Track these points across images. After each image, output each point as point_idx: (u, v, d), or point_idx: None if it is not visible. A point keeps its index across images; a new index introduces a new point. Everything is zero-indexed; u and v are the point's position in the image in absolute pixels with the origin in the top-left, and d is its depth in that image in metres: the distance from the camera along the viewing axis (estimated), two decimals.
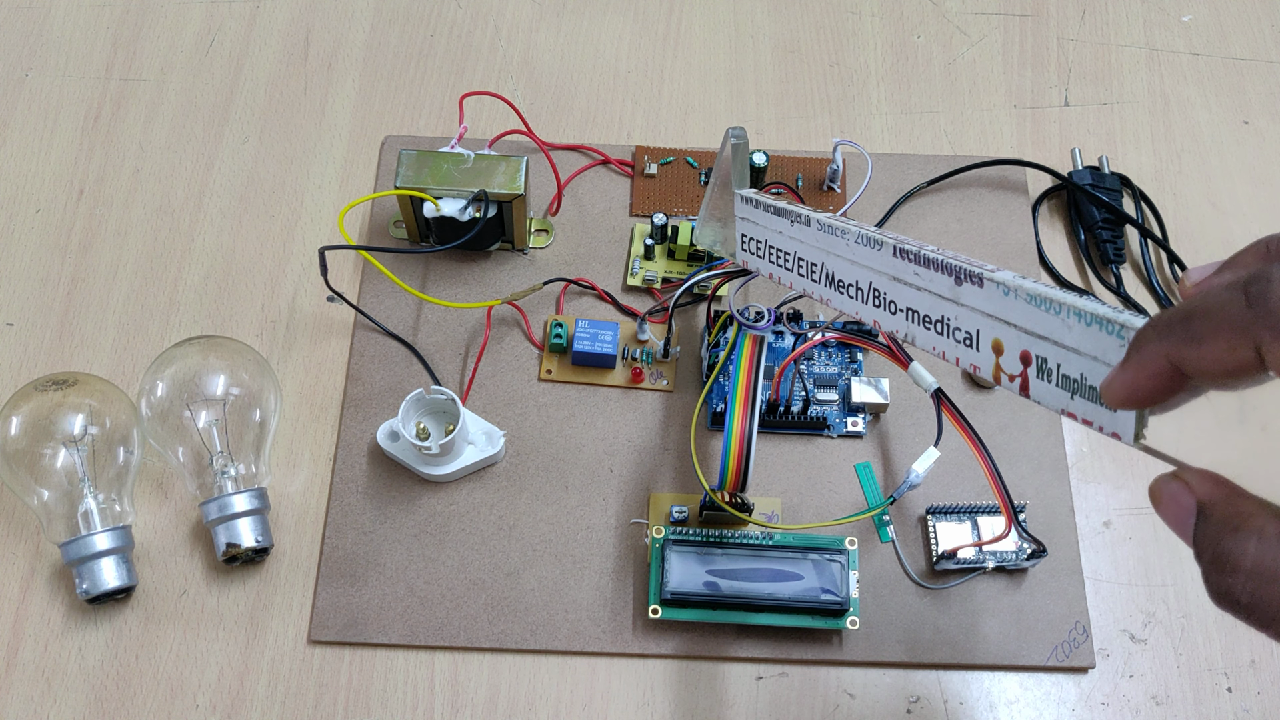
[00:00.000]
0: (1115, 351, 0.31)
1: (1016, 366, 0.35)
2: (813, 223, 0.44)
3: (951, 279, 0.37)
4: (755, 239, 0.48)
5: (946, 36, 0.74)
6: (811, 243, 0.44)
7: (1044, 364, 0.34)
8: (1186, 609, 0.56)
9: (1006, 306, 0.35)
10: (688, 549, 0.53)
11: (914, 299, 0.39)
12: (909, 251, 0.39)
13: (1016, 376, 0.35)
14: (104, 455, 0.54)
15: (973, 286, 0.36)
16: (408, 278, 0.63)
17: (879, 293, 0.41)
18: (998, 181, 0.67)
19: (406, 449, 0.57)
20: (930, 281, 0.38)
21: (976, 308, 0.36)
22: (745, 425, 0.50)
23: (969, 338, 0.37)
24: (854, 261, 0.42)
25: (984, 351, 0.36)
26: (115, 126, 0.69)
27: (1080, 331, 0.32)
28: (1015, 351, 0.35)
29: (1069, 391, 0.33)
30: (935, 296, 0.38)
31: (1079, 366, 0.32)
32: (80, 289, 0.63)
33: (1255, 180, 0.68)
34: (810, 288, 0.45)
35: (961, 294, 0.37)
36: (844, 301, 0.43)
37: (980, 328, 0.36)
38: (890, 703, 0.54)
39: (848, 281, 0.42)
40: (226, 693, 0.53)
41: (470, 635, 0.54)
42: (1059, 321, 0.33)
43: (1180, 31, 0.74)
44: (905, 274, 0.39)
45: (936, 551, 0.55)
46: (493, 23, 0.74)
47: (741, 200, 0.49)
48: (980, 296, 0.36)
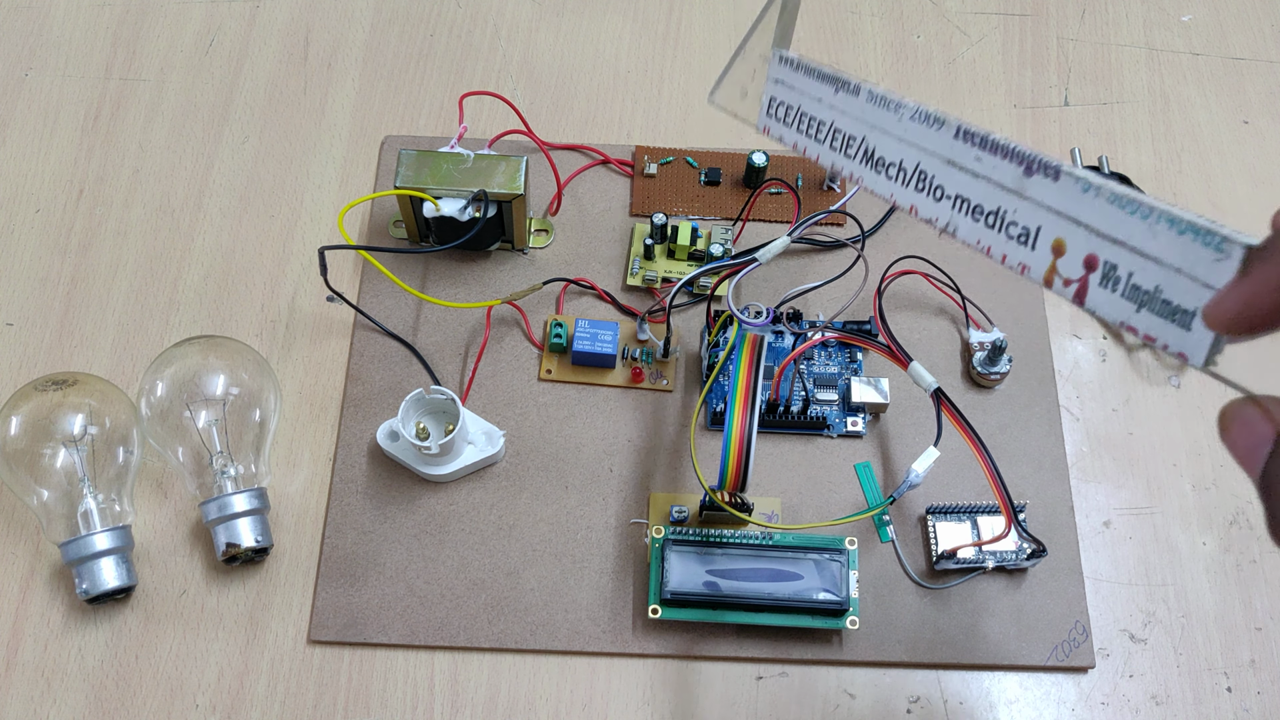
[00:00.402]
0: (1208, 265, 0.28)
1: (1077, 270, 0.33)
2: (862, 93, 0.41)
3: (1020, 168, 0.34)
4: (786, 104, 0.45)
5: (946, 36, 0.74)
6: (855, 114, 0.41)
7: (1112, 270, 0.32)
8: (1186, 609, 0.56)
9: (1082, 204, 0.32)
10: (687, 549, 0.53)
11: (967, 186, 0.37)
12: (973, 134, 0.36)
13: (1074, 281, 0.33)
14: (104, 455, 0.54)
15: (1045, 179, 0.34)
16: (407, 278, 0.63)
17: (925, 175, 0.38)
18: None
19: (406, 449, 0.57)
20: (993, 169, 0.35)
21: (1043, 202, 0.34)
22: (745, 425, 0.50)
23: (1025, 234, 0.35)
24: (903, 139, 0.39)
25: (1040, 251, 0.34)
26: (115, 126, 0.69)
27: (1168, 239, 0.30)
28: (1079, 254, 0.33)
29: (1135, 303, 0.31)
30: (995, 186, 0.35)
31: (1156, 278, 0.30)
32: (80, 289, 0.63)
33: (1255, 180, 0.68)
34: (841, 163, 0.42)
35: (1029, 186, 0.34)
36: (878, 181, 0.40)
37: (1043, 224, 0.34)
38: (890, 702, 0.54)
39: (890, 160, 0.40)
40: (226, 692, 0.53)
41: (470, 635, 0.54)
42: (1144, 226, 0.30)
43: (1180, 31, 0.74)
44: (964, 158, 0.36)
45: (936, 551, 0.55)
46: (492, 22, 0.74)
47: (780, 60, 0.45)
48: (1051, 190, 0.33)
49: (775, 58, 0.46)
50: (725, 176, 0.66)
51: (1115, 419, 0.61)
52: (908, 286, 0.63)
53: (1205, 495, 0.59)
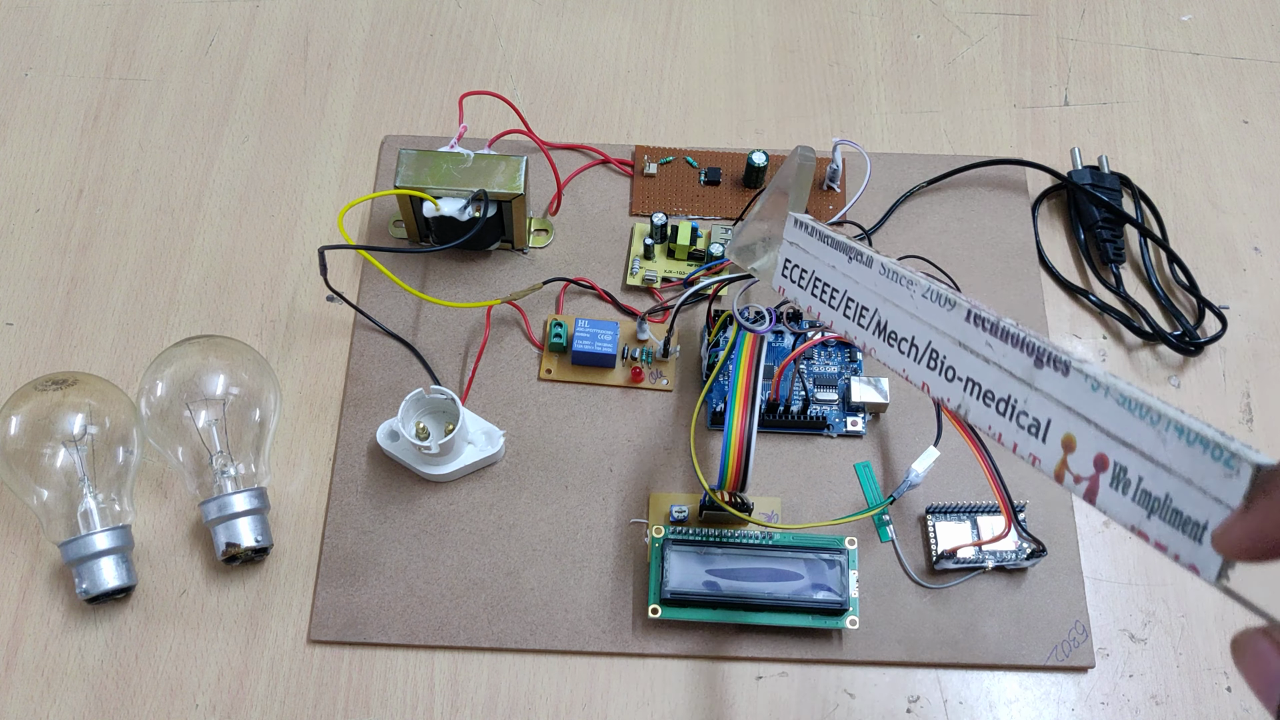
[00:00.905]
0: (1218, 480, 0.27)
1: (1088, 469, 0.31)
2: (875, 265, 0.40)
3: (1031, 359, 0.33)
4: (800, 267, 0.44)
5: (946, 36, 0.74)
6: (868, 285, 0.40)
7: (1122, 473, 0.30)
8: (1186, 608, 0.56)
9: (1091, 403, 0.31)
10: (687, 549, 0.53)
11: (979, 370, 0.35)
12: (985, 319, 0.35)
13: (1084, 479, 0.32)
14: (103, 455, 0.54)
15: (1054, 373, 0.33)
16: (407, 277, 0.63)
17: (937, 355, 0.37)
18: (997, 181, 0.67)
19: (406, 449, 0.57)
20: (1003, 356, 0.34)
21: (1053, 395, 0.33)
22: (745, 425, 0.50)
23: (1036, 426, 0.33)
24: (915, 315, 0.38)
25: (1051, 445, 0.33)
26: (115, 126, 0.69)
27: (1178, 448, 0.29)
28: (1090, 453, 0.31)
29: (1146, 509, 0.30)
30: (1005, 373, 0.34)
31: (1166, 486, 0.29)
32: (80, 288, 0.63)
33: (1255, 179, 0.68)
34: (854, 332, 0.41)
35: (1039, 377, 0.33)
36: (891, 355, 0.39)
37: (1053, 418, 0.33)
38: (890, 702, 0.54)
39: (902, 335, 0.39)
40: (226, 692, 0.53)
41: (470, 635, 0.54)
42: (1153, 432, 0.29)
43: (1180, 31, 0.74)
44: (975, 342, 0.36)
45: (936, 551, 0.55)
46: (492, 22, 0.74)
47: (795, 224, 0.45)
48: (1061, 385, 0.32)
49: (791, 220, 0.45)
50: (725, 176, 0.66)
51: None
52: None
53: None
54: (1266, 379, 0.62)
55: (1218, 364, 0.62)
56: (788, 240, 0.45)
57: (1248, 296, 0.64)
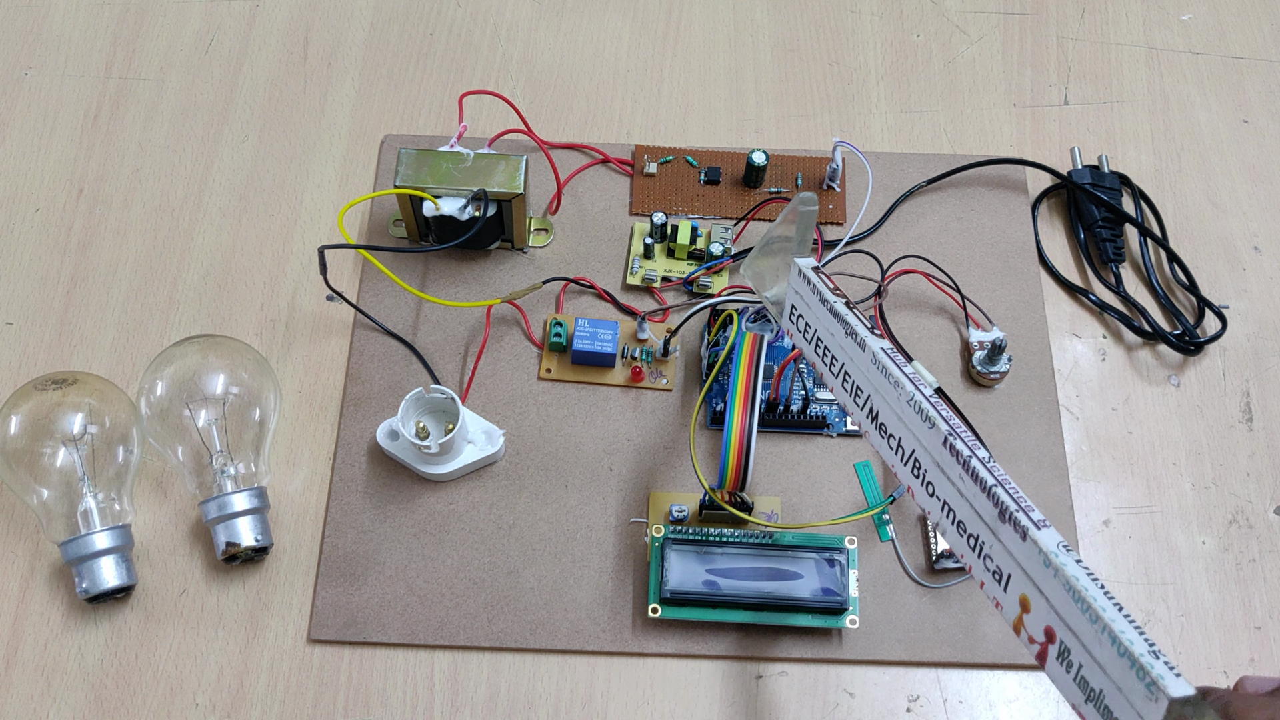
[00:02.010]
0: (1141, 699, 0.27)
1: (1040, 634, 0.31)
2: (868, 351, 0.38)
3: (995, 510, 0.32)
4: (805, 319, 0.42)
5: (946, 35, 0.74)
6: (861, 367, 0.39)
7: (1066, 653, 0.30)
8: (1186, 607, 0.56)
9: (1044, 577, 0.30)
10: (687, 548, 0.53)
11: (953, 497, 0.34)
12: (959, 451, 0.34)
13: (1036, 643, 0.31)
14: (103, 454, 0.54)
15: (1014, 532, 0.31)
16: (407, 277, 0.63)
17: (920, 466, 0.36)
18: (997, 180, 0.67)
19: (406, 448, 0.57)
20: (973, 496, 0.33)
21: (1013, 553, 0.32)
22: (745, 424, 0.50)
23: (999, 574, 0.32)
24: (900, 419, 0.36)
25: (1010, 597, 0.32)
26: (115, 125, 0.69)
27: (1110, 654, 0.28)
28: (1041, 621, 0.31)
29: (1084, 694, 0.29)
30: (974, 513, 0.33)
31: (1101, 682, 0.29)
32: (80, 288, 0.63)
33: (1255, 179, 0.68)
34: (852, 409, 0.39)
35: (1000, 531, 0.32)
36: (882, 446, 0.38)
37: (1012, 574, 0.32)
38: (890, 701, 0.54)
39: (891, 431, 0.37)
40: (226, 691, 0.53)
41: (470, 634, 0.54)
42: (1092, 630, 0.29)
43: (1180, 30, 0.74)
44: (950, 469, 0.34)
45: (936, 550, 0.55)
46: (492, 22, 0.74)
47: (799, 274, 0.43)
48: (1019, 547, 0.31)
49: (794, 270, 0.43)
50: (725, 175, 0.66)
51: (1115, 418, 0.61)
52: (908, 286, 0.63)
53: (1205, 494, 0.59)
54: (1266, 378, 0.62)
55: (1217, 363, 0.62)
56: (792, 288, 0.44)
57: (1248, 296, 0.64)
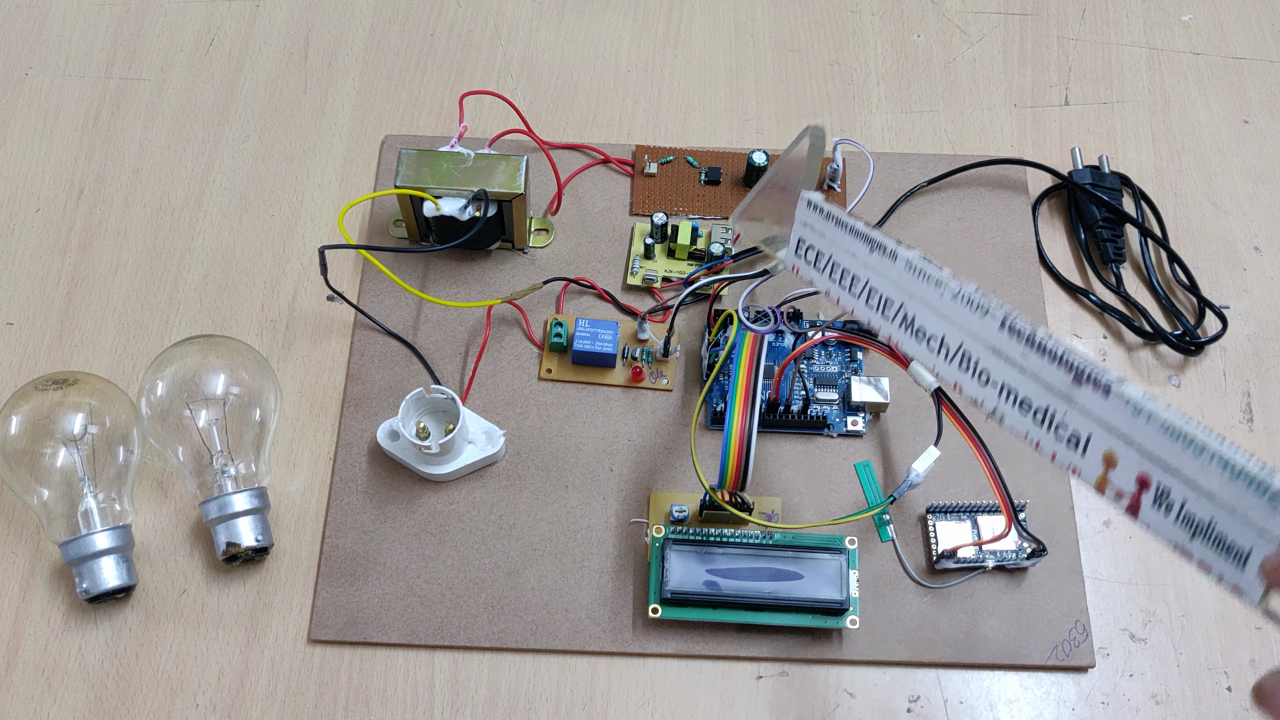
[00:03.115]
0: (1262, 511, 0.28)
1: (1130, 486, 0.31)
2: (899, 260, 0.38)
3: (1069, 376, 0.33)
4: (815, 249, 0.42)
5: (946, 35, 0.74)
6: (892, 279, 0.38)
7: (1165, 495, 0.30)
8: (1186, 608, 0.56)
9: (1133, 425, 0.31)
10: (688, 548, 0.53)
11: (1015, 379, 0.34)
12: (1020, 331, 0.34)
13: (1126, 495, 0.32)
14: (104, 454, 0.54)
15: (1094, 392, 0.32)
16: (408, 277, 0.63)
17: (969, 358, 0.36)
18: (998, 181, 0.67)
19: (406, 448, 0.57)
20: (1041, 369, 0.34)
21: (1093, 413, 0.32)
22: (745, 424, 0.50)
23: (1075, 439, 0.33)
24: (944, 316, 0.36)
25: (1090, 459, 0.32)
26: (115, 125, 0.69)
27: (1221, 480, 0.29)
28: (1131, 471, 0.31)
29: (1189, 532, 0.30)
30: (1043, 386, 0.34)
31: (1210, 511, 0.29)
32: (80, 288, 0.63)
33: (1255, 179, 0.68)
34: (879, 322, 0.39)
35: (1078, 394, 0.33)
36: (920, 350, 0.38)
37: (1093, 434, 0.32)
38: (890, 702, 0.54)
39: (931, 333, 0.37)
40: (226, 692, 0.53)
41: (470, 634, 0.54)
42: (1197, 463, 0.29)
43: (1180, 30, 0.74)
44: (1010, 351, 0.34)
45: (936, 550, 0.55)
46: (493, 22, 0.74)
47: (808, 205, 0.42)
48: (1101, 405, 0.32)
49: (803, 201, 0.42)
50: (725, 176, 0.66)
51: None
52: None
53: None
54: (1267, 379, 0.62)
55: (1218, 364, 0.62)
56: (800, 220, 0.43)
57: (1248, 296, 0.64)
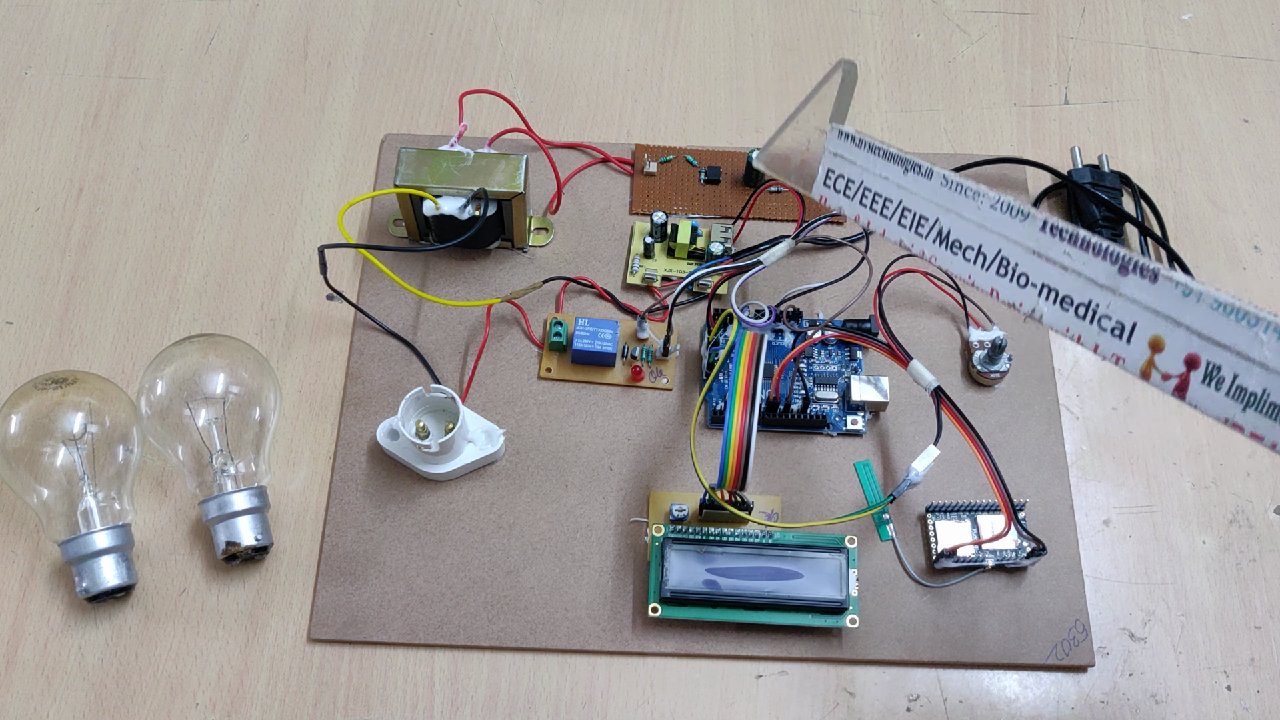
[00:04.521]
0: None
1: (1178, 367, 0.33)
2: (935, 177, 0.40)
3: (1115, 267, 0.35)
4: (846, 177, 0.44)
5: (946, 35, 0.74)
6: (927, 196, 0.41)
7: (1215, 371, 0.32)
8: (1186, 607, 0.56)
9: (1183, 307, 0.33)
10: (687, 547, 0.53)
11: (1055, 277, 0.37)
12: (1062, 229, 0.36)
13: (1174, 377, 0.33)
14: (103, 453, 0.54)
15: (1140, 279, 0.34)
16: (407, 276, 0.63)
17: (1008, 262, 0.38)
18: (998, 180, 0.67)
19: (406, 447, 0.57)
20: (1084, 265, 0.36)
21: (1139, 300, 0.34)
22: (745, 423, 0.50)
23: (1120, 328, 0.35)
24: (983, 226, 0.39)
25: (1136, 345, 0.34)
26: (115, 125, 0.69)
27: (1275, 348, 0.30)
28: (1180, 353, 0.33)
29: (1241, 403, 0.31)
30: (1086, 280, 0.36)
31: (1264, 381, 0.31)
32: (80, 287, 0.63)
33: (1255, 178, 0.68)
34: (911, 240, 0.42)
35: (1124, 284, 0.34)
36: (955, 262, 0.40)
37: (1139, 321, 0.34)
38: (890, 701, 0.54)
39: (968, 244, 0.39)
40: (226, 691, 0.53)
41: (470, 633, 0.54)
42: (1250, 334, 0.31)
43: (1180, 30, 0.74)
44: (1051, 251, 0.37)
45: (936, 550, 0.55)
46: (492, 21, 0.74)
47: (839, 135, 0.44)
48: (1148, 291, 0.34)
49: (834, 132, 0.45)
50: (725, 175, 0.66)
51: (1115, 417, 0.61)
52: (908, 285, 0.63)
53: (1205, 494, 0.59)
54: None
55: None
56: (830, 151, 0.45)
57: (1248, 295, 0.64)
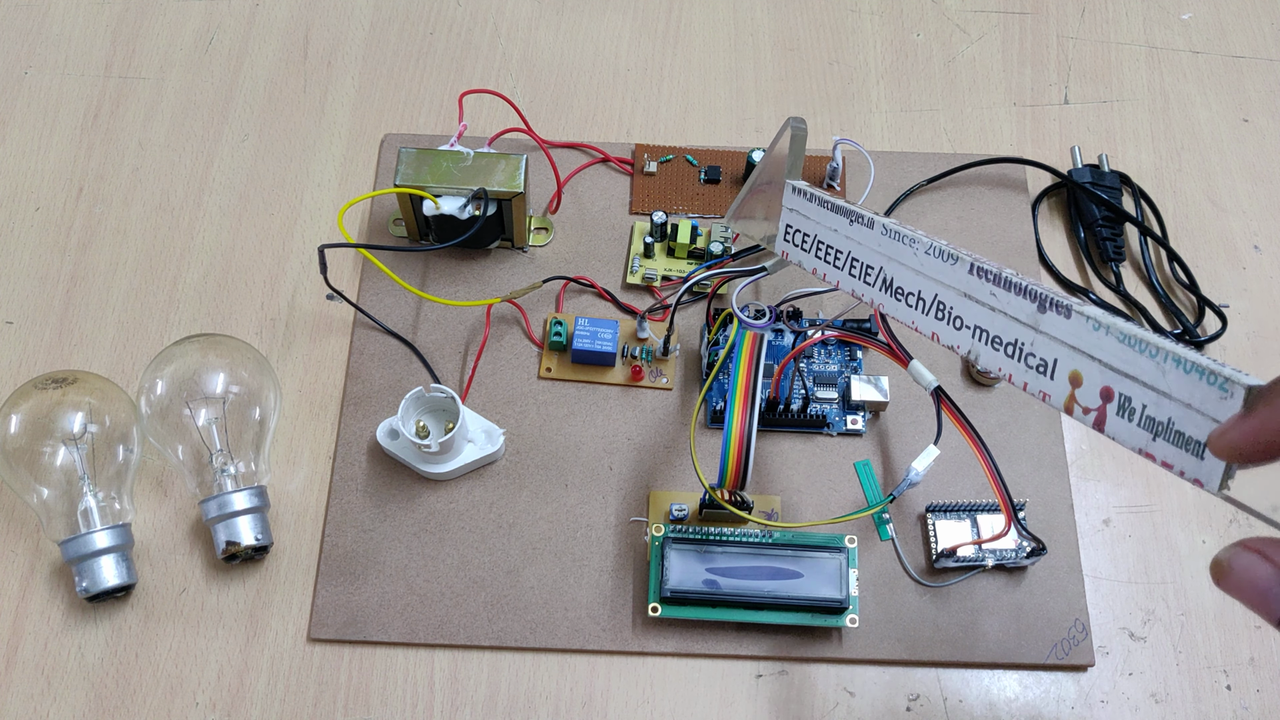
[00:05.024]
0: (1215, 403, 0.31)
1: (1094, 400, 0.35)
2: (876, 226, 0.42)
3: (1034, 305, 0.36)
4: (802, 231, 0.47)
5: (946, 34, 0.74)
6: (871, 245, 0.43)
7: (1127, 402, 0.33)
8: (1186, 606, 0.56)
9: (1094, 341, 0.34)
10: (687, 547, 0.53)
11: (985, 318, 0.38)
12: (987, 271, 0.38)
13: (1092, 410, 0.35)
14: (103, 453, 0.54)
15: (1057, 316, 0.36)
16: (407, 276, 0.63)
17: (944, 306, 0.40)
18: (997, 179, 0.67)
19: (406, 447, 0.57)
20: (1007, 304, 0.37)
21: (1057, 337, 0.36)
22: (745, 423, 0.50)
23: (1043, 365, 0.36)
24: (919, 271, 0.41)
25: (1058, 381, 0.36)
26: (115, 124, 0.69)
27: (1177, 377, 0.32)
28: (1095, 386, 0.34)
29: (1151, 432, 0.33)
30: (1010, 319, 0.37)
31: (1169, 411, 0.32)
32: (79, 287, 0.63)
33: (1255, 178, 0.68)
34: (861, 289, 0.44)
35: (1043, 321, 0.36)
36: (899, 309, 0.42)
37: (1058, 357, 0.36)
38: (890, 700, 0.54)
39: (908, 290, 0.41)
40: (226, 690, 0.53)
41: (470, 633, 0.54)
42: (1153, 364, 0.32)
43: (1180, 29, 0.74)
44: (979, 292, 0.38)
45: (936, 549, 0.55)
46: (492, 20, 0.73)
47: (793, 191, 0.47)
48: (1064, 327, 0.35)
49: (789, 188, 0.47)
50: (725, 174, 0.66)
51: None
52: None
53: (1205, 493, 0.59)
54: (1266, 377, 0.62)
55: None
56: (787, 207, 0.47)
57: (1248, 295, 0.64)
